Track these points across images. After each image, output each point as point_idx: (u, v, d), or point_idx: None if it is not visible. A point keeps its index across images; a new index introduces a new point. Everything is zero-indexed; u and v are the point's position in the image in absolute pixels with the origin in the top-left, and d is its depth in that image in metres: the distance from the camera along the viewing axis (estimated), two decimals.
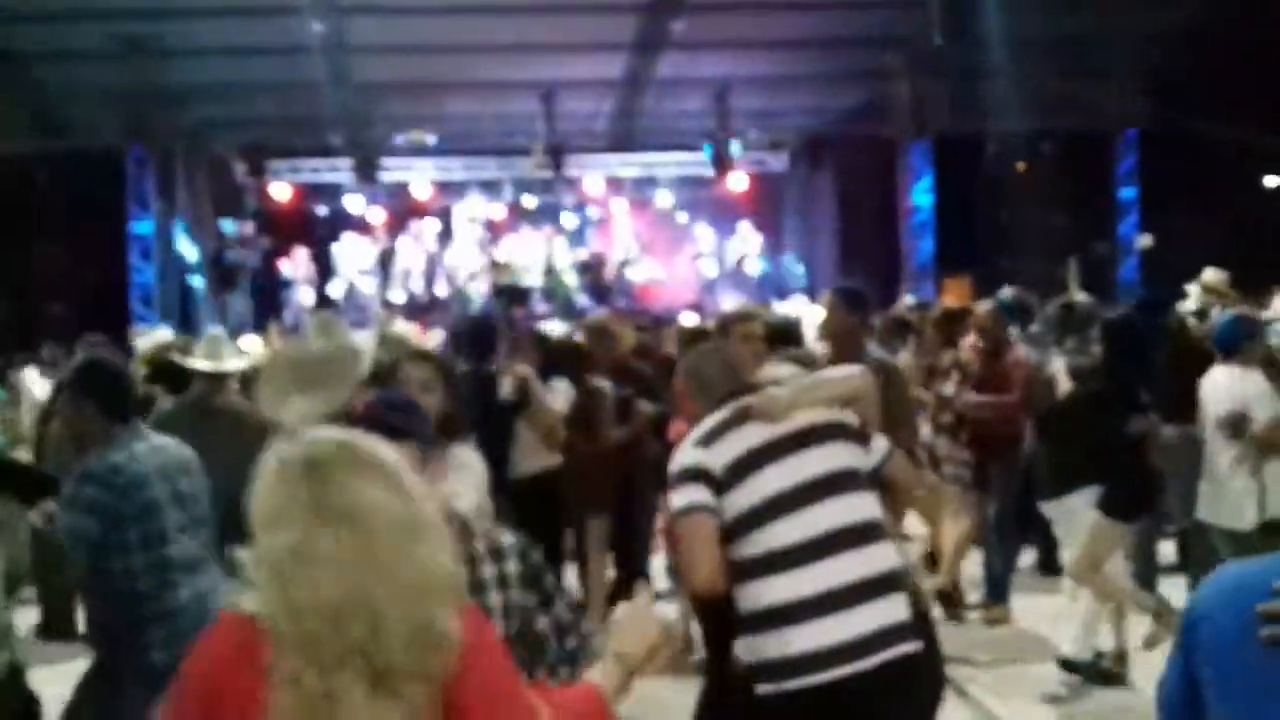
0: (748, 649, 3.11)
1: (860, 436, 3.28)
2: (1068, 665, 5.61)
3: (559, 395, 6.03)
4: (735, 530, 3.11)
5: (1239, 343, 5.51)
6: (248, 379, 5.40)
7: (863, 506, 3.16)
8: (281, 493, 1.65)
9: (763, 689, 3.04)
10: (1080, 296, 12.61)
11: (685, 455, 3.23)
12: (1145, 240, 17.41)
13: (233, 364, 5.42)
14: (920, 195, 17.36)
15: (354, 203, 18.56)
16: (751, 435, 3.17)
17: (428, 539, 1.67)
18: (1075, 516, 5.51)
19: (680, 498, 3.15)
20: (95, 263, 17.49)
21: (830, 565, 3.05)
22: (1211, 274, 8.45)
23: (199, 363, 5.35)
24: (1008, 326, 6.94)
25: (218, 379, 5.31)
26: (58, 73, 16.05)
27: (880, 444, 3.33)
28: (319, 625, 1.58)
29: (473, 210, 18.68)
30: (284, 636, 1.59)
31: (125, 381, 3.95)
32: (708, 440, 3.21)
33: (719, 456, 3.15)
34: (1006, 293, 9.19)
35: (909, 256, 17.63)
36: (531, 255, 18.38)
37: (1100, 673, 5.59)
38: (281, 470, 1.66)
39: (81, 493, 3.53)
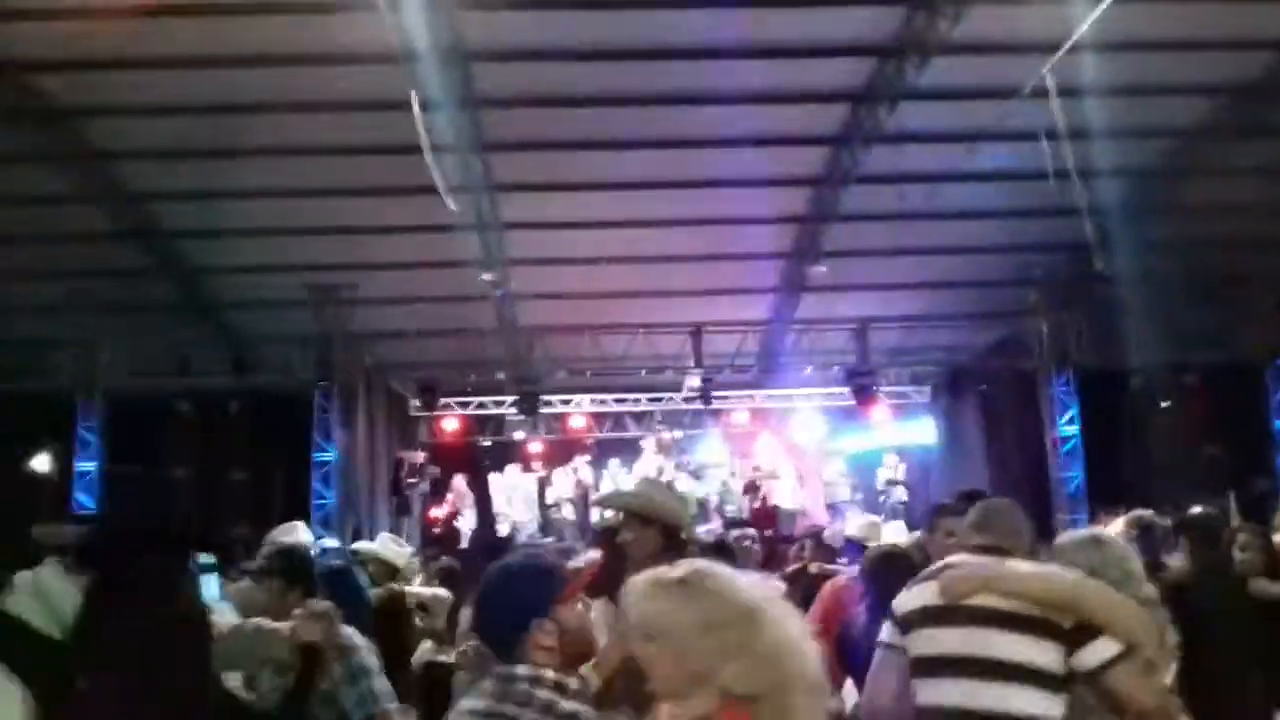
0: None
1: (1050, 631, 3.17)
2: None
3: None
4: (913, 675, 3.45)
5: None
6: None
7: (1014, 699, 3.13)
8: None
9: None
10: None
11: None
12: None
13: None
14: (1066, 427, 17.45)
15: (516, 434, 19.77)
16: (929, 593, 3.44)
17: None
18: None
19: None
20: (280, 489, 18.84)
21: None
22: None
23: None
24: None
25: None
26: (253, 319, 18.00)
27: (1101, 648, 3.14)
28: None
29: (656, 442, 19.55)
30: None
31: None
32: (912, 583, 3.61)
33: (907, 601, 3.53)
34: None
35: (1059, 487, 17.56)
36: (693, 484, 19.04)
37: None
38: None
39: None
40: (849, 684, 4.86)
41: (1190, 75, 12.73)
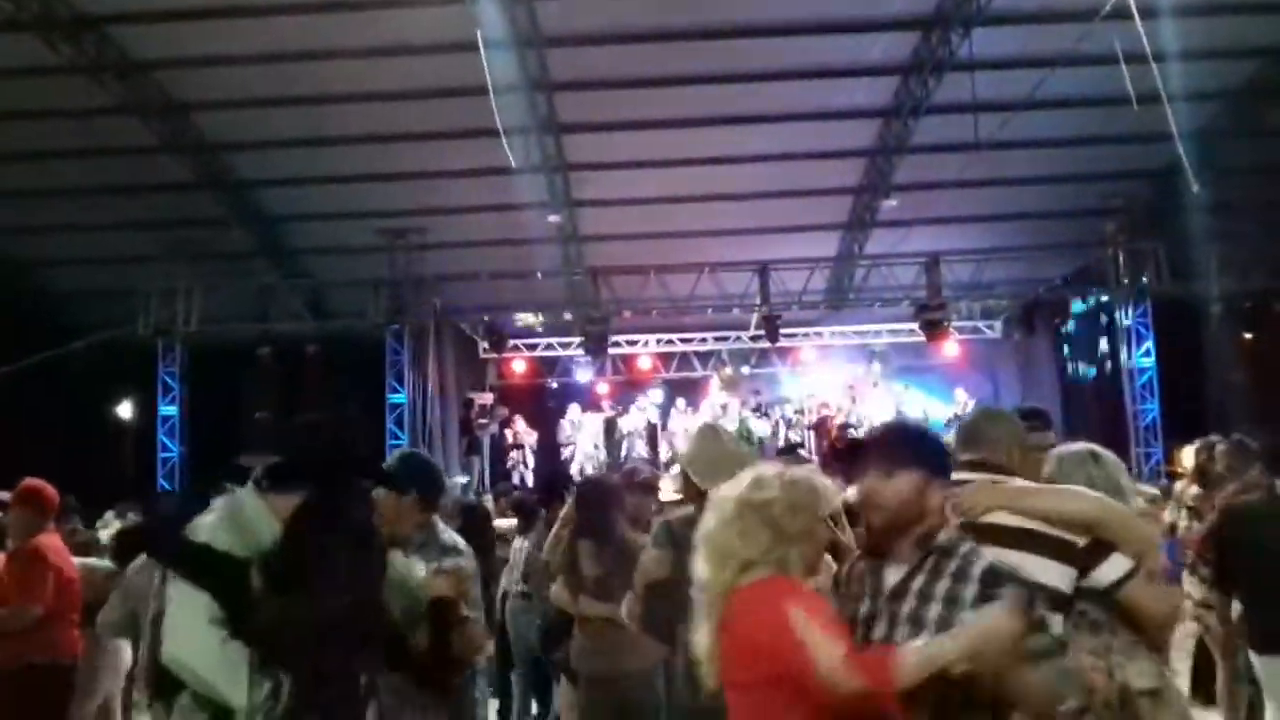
0: None
1: (1064, 551, 3.07)
2: None
3: None
4: None
5: None
6: None
7: None
8: None
9: None
10: None
11: None
12: None
13: None
14: (1142, 359, 17.20)
15: (582, 375, 19.92)
16: None
17: None
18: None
19: None
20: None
21: None
22: None
23: None
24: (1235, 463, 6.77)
25: None
26: (327, 264, 18.29)
27: (1116, 564, 3.09)
28: None
29: (723, 380, 19.57)
30: None
31: None
32: None
33: None
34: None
35: (1135, 420, 17.35)
36: (758, 422, 19.05)
37: None
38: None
39: None
40: None
41: None
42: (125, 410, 20.74)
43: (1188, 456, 9.35)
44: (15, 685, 5.48)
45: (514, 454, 19.24)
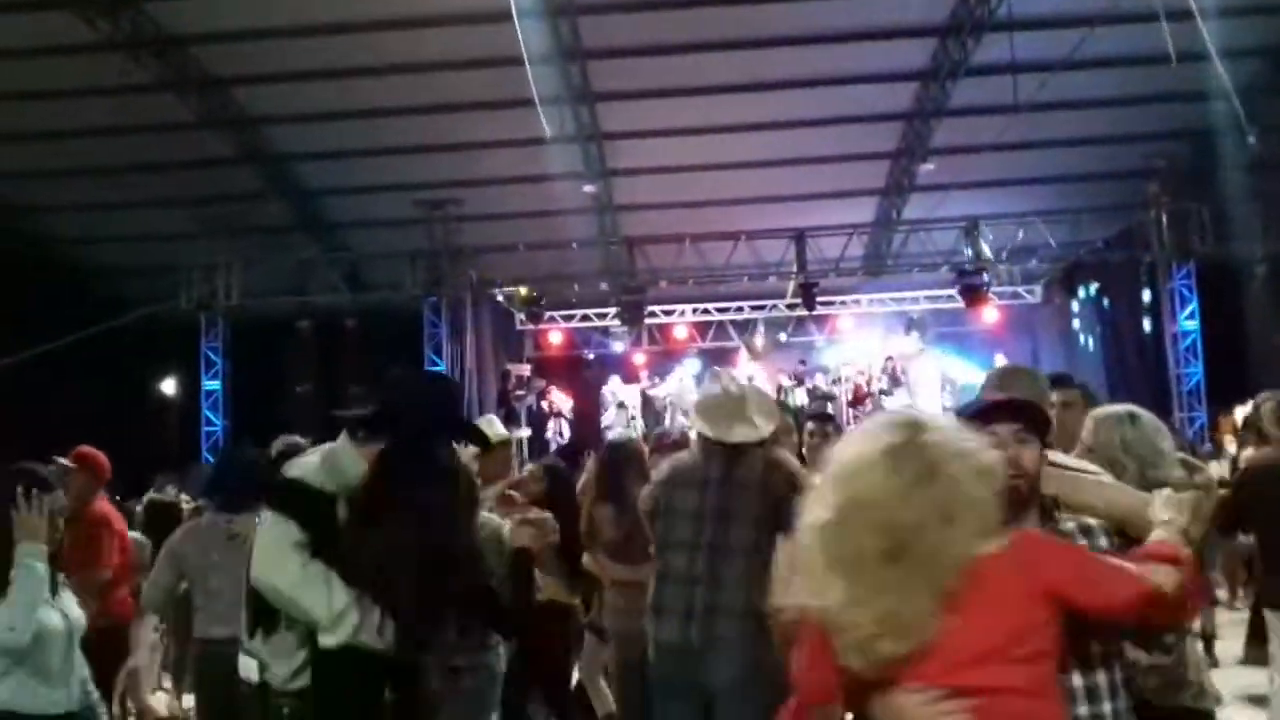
0: None
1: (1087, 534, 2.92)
2: None
3: None
4: None
5: None
6: None
7: None
8: None
9: None
10: None
11: None
12: None
13: None
14: (1186, 322, 17.00)
15: (618, 345, 19.94)
16: None
17: None
18: None
19: None
20: None
21: None
22: None
23: None
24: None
25: None
26: (365, 237, 18.38)
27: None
28: None
29: (751, 350, 19.49)
30: None
31: None
32: None
33: None
34: None
35: (1178, 384, 17.16)
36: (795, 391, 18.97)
37: None
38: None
39: None
40: None
41: None
42: (169, 386, 20.98)
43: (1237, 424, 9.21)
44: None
45: (551, 422, 19.34)
